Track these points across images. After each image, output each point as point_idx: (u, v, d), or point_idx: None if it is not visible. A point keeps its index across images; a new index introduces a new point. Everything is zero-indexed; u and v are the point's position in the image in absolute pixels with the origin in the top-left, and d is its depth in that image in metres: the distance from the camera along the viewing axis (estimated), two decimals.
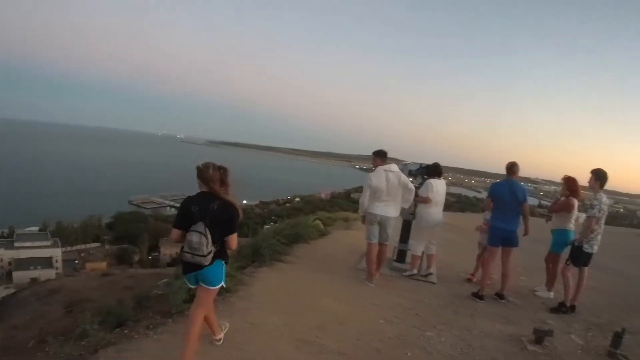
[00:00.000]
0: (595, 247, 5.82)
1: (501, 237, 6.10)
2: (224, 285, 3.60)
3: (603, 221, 5.81)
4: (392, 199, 6.18)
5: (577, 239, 5.92)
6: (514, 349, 4.56)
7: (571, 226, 6.48)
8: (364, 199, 6.23)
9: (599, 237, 5.82)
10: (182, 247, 3.26)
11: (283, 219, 13.55)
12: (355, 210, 8.06)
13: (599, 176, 5.71)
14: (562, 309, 5.95)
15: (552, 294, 6.67)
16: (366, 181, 6.21)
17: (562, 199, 6.58)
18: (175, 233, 3.35)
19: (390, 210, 6.19)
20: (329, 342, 4.21)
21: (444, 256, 8.04)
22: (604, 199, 5.74)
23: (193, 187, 3.42)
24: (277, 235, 7.62)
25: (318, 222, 10.10)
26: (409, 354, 4.17)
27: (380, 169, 6.21)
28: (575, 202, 6.40)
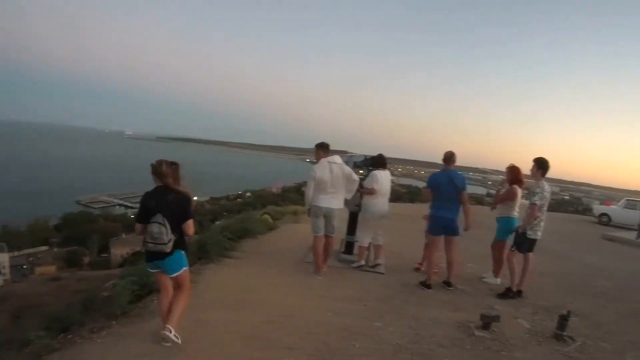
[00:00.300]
0: (539, 233, 6.18)
1: (442, 226, 6.34)
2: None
3: (545, 208, 6.16)
4: (336, 191, 6.31)
5: (520, 226, 6.24)
6: (462, 336, 4.72)
7: (515, 214, 6.82)
8: (309, 191, 6.30)
9: (542, 223, 6.17)
10: (145, 239, 3.71)
11: (234, 214, 13.62)
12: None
13: (540, 165, 6.04)
14: (509, 294, 6.25)
15: (499, 280, 6.99)
16: (310, 174, 6.28)
17: (506, 186, 6.89)
18: (139, 227, 3.83)
19: (335, 202, 6.34)
20: (277, 336, 4.27)
21: (392, 246, 8.22)
22: (546, 186, 6.08)
23: (143, 185, 3.69)
24: (225, 231, 7.68)
25: (267, 216, 10.32)
26: (357, 345, 4.24)
27: (323, 161, 6.31)
28: (519, 190, 6.73)
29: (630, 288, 7.91)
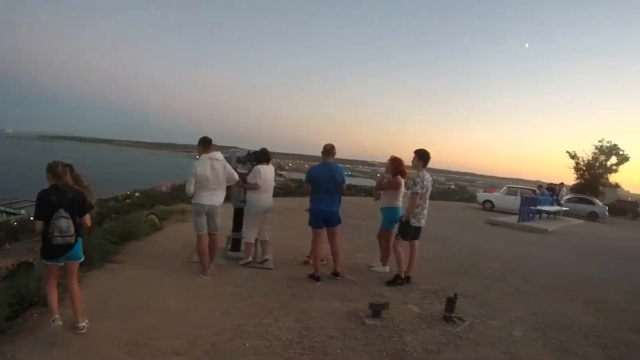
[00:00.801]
0: (423, 221, 6.66)
1: (323, 218, 6.59)
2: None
3: (427, 197, 6.63)
4: (217, 188, 6.38)
5: (404, 215, 6.63)
6: (352, 325, 4.86)
7: (399, 203, 7.23)
8: (190, 188, 6.22)
9: (425, 211, 6.65)
10: (49, 234, 4.03)
11: (123, 216, 12.98)
12: None
13: (421, 156, 6.51)
14: (397, 281, 6.58)
15: (387, 268, 7.33)
16: (191, 170, 6.25)
17: (389, 177, 7.27)
18: (39, 224, 4.13)
19: (216, 199, 6.40)
20: (163, 342, 4.17)
21: (281, 241, 8.48)
22: (427, 176, 6.56)
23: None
24: (107, 234, 7.40)
25: (152, 216, 10.13)
26: (247, 344, 4.24)
27: (205, 157, 6.31)
28: (402, 181, 7.13)
29: (513, 268, 8.74)
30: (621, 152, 42.23)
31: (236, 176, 6.58)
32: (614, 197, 38.19)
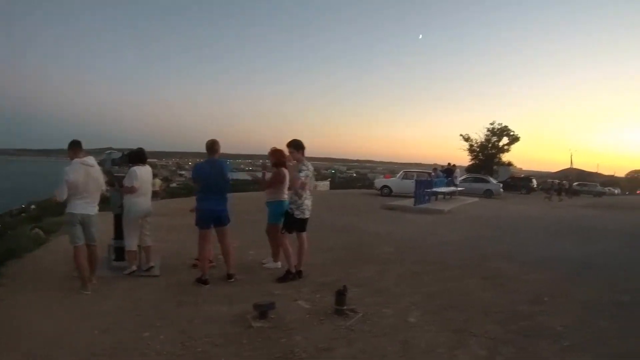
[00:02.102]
0: (307, 213, 6.48)
1: (211, 218, 6.39)
2: None
3: (309, 187, 6.50)
4: (92, 195, 6.08)
5: (290, 199, 6.49)
6: (239, 329, 4.62)
7: (285, 196, 7.03)
8: (62, 196, 5.81)
9: (308, 202, 6.46)
10: None
11: (8, 232, 12.13)
12: None
13: (297, 146, 6.43)
14: (288, 276, 6.43)
15: (279, 264, 7.12)
16: (62, 176, 5.83)
17: (273, 170, 7.06)
18: None
19: (90, 207, 6.09)
20: None
21: (168, 245, 8.30)
22: (309, 165, 6.44)
23: None
24: None
25: (37, 230, 9.95)
26: None
27: (77, 161, 5.95)
28: (286, 173, 6.92)
29: (410, 251, 8.81)
30: (512, 133, 45.77)
31: (104, 186, 6.30)
32: (508, 175, 41.19)
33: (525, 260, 8.26)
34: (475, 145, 46.93)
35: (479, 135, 46.98)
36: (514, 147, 46.63)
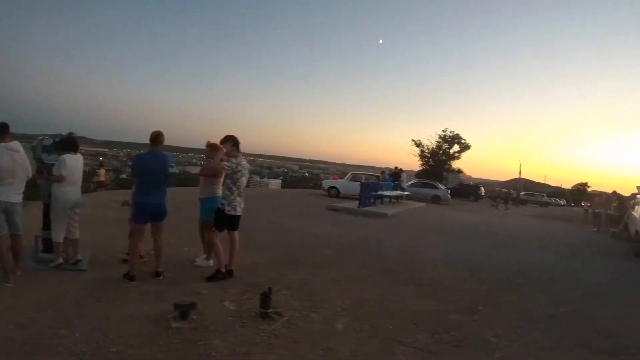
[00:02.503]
0: (239, 209, 6.29)
1: (149, 212, 6.12)
2: None
3: (242, 183, 6.26)
4: (16, 182, 5.79)
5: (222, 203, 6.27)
6: (158, 330, 4.40)
7: (219, 192, 6.80)
8: None
9: (239, 199, 6.27)
10: None
11: None
12: None
13: (233, 141, 6.24)
14: (218, 276, 6.21)
15: (211, 262, 6.87)
16: None
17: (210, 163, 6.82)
18: None
19: (14, 195, 5.79)
20: None
21: (100, 238, 7.95)
22: (243, 162, 6.23)
23: None
24: None
25: None
26: None
27: (2, 146, 5.67)
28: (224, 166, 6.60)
29: (348, 254, 8.70)
30: (463, 141, 47.06)
31: (30, 171, 5.96)
32: (457, 182, 42.04)
33: (463, 268, 8.32)
34: (427, 151, 47.90)
35: (430, 141, 47.98)
36: (464, 154, 48.01)
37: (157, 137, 6.10)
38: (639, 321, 6.24)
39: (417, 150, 48.25)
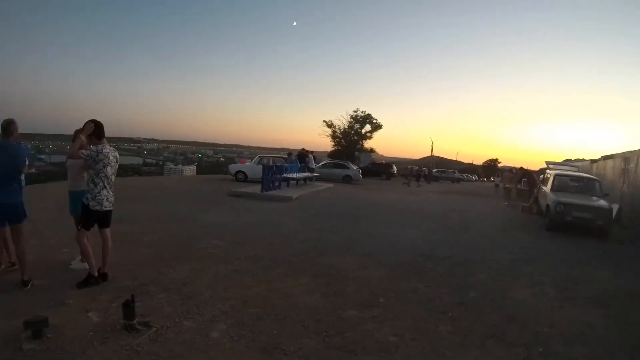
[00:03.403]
0: (106, 204, 5.70)
1: (4, 213, 5.44)
2: None
3: (107, 173, 5.65)
4: None
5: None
6: (6, 354, 3.80)
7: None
8: None
9: (105, 192, 5.66)
10: None
11: None
12: None
13: (93, 126, 5.59)
14: (90, 280, 5.58)
15: (87, 265, 6.07)
16: None
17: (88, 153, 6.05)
18: None
19: None
20: None
21: None
22: (105, 150, 5.60)
23: None
24: None
25: None
26: None
27: None
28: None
29: (239, 244, 8.19)
30: (375, 121, 47.90)
31: None
32: (369, 161, 42.60)
33: (364, 253, 8.06)
34: (338, 131, 48.27)
35: (342, 121, 48.37)
36: (376, 134, 49.00)
37: (7, 125, 5.41)
38: (549, 302, 6.15)
39: (329, 131, 48.66)
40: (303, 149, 24.34)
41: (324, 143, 51.15)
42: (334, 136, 48.61)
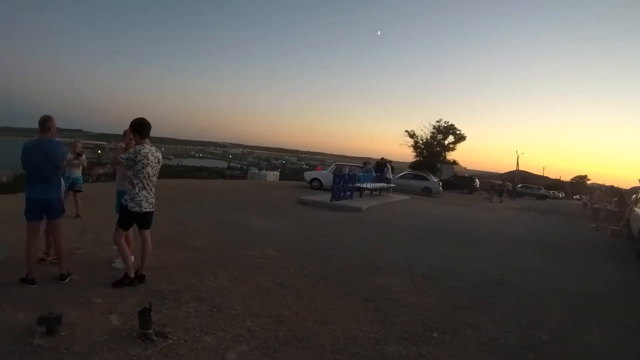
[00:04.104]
0: (146, 205, 5.55)
1: (39, 208, 5.42)
2: None
3: (147, 174, 5.50)
4: None
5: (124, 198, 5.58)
6: (13, 347, 3.69)
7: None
8: None
9: (145, 192, 5.51)
10: None
11: None
12: None
13: (135, 127, 5.57)
14: (125, 281, 5.43)
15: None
16: None
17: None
18: None
19: None
20: None
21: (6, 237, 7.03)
22: (145, 150, 5.46)
23: None
24: None
25: None
26: None
27: None
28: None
29: (291, 254, 7.72)
30: (458, 132, 46.63)
31: None
32: (451, 173, 41.35)
33: (423, 274, 7.28)
34: (420, 142, 47.31)
35: (424, 131, 47.38)
36: (460, 146, 47.61)
37: (43, 122, 5.42)
38: (633, 351, 5.11)
39: (411, 141, 47.79)
40: (382, 159, 23.72)
41: (405, 153, 50.48)
42: (415, 147, 47.71)
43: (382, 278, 6.88)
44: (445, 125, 46.92)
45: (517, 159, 70.15)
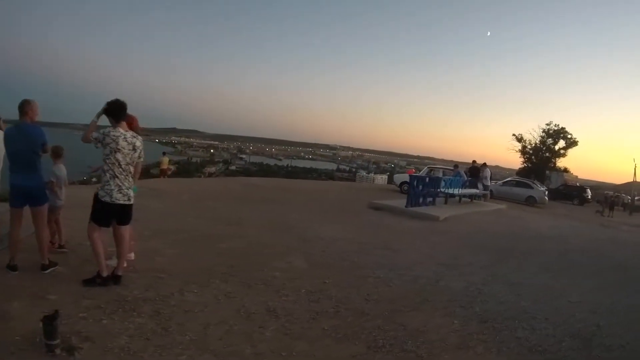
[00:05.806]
0: (118, 195, 4.99)
1: (22, 195, 5.25)
2: None
3: (117, 160, 4.95)
4: None
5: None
6: None
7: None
8: None
9: (117, 181, 4.97)
10: None
11: None
12: None
13: (108, 110, 5.15)
14: (96, 280, 4.92)
15: (132, 255, 5.78)
16: None
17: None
18: None
19: None
20: None
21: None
22: (115, 132, 4.98)
23: None
24: None
25: None
26: None
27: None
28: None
29: (325, 267, 6.54)
30: (569, 136, 42.69)
31: None
32: (560, 182, 38.02)
33: (481, 317, 5.18)
34: (529, 146, 44.19)
35: (532, 136, 44.18)
36: (571, 151, 43.64)
37: (22, 106, 5.19)
38: None
39: (519, 146, 44.71)
40: (474, 162, 21.89)
41: (512, 159, 47.31)
42: (523, 152, 44.44)
43: (420, 315, 5.07)
44: (556, 128, 43.31)
45: (635, 168, 63.25)
